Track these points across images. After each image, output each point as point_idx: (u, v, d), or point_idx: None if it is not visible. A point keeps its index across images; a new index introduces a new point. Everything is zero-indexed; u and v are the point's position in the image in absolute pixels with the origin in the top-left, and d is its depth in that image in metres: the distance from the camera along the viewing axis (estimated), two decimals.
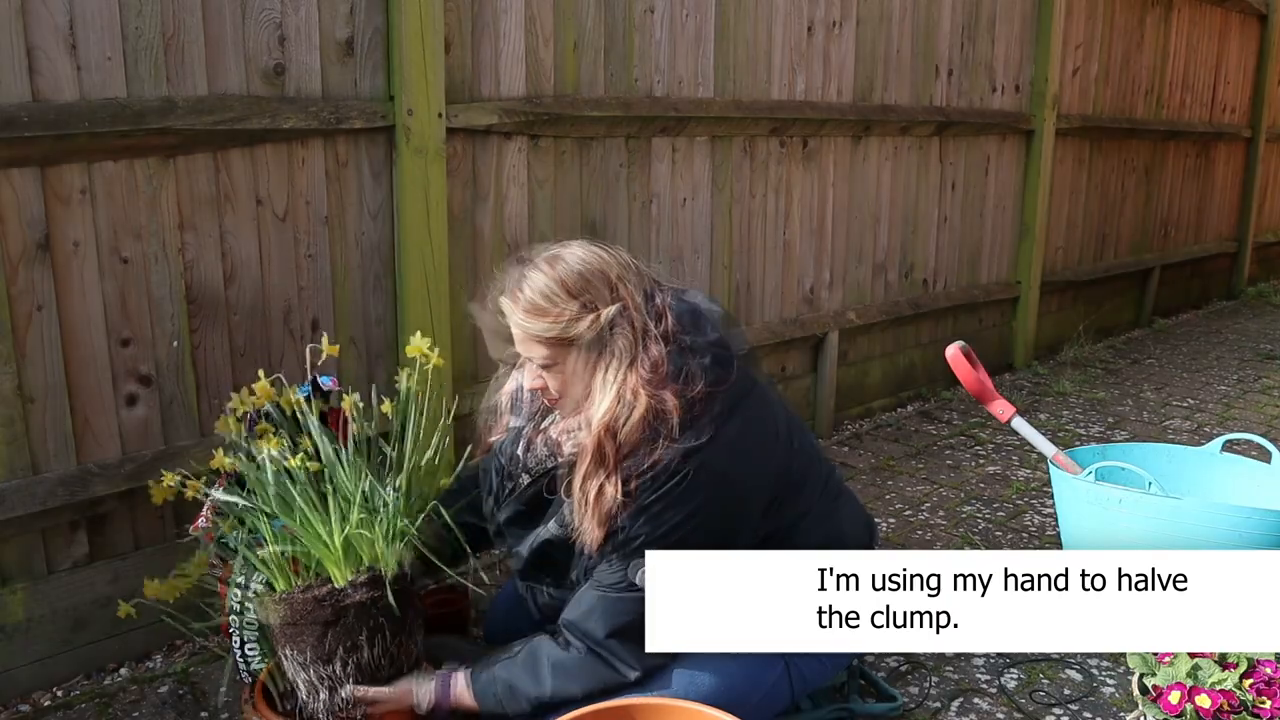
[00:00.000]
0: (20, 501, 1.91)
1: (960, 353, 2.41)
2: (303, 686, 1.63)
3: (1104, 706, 2.00)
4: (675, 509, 1.57)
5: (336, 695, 1.63)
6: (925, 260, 4.07)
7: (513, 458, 1.78)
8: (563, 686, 1.63)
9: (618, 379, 1.56)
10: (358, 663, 1.63)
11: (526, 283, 1.60)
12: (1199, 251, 6.11)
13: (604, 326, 1.58)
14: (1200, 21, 5.63)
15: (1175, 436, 3.71)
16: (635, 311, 1.59)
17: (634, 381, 1.55)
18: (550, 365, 1.62)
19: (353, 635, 1.62)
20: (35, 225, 1.88)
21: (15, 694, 2.00)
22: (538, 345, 1.61)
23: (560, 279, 1.58)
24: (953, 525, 2.87)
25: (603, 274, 1.60)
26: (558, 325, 1.58)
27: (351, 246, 2.35)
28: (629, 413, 1.54)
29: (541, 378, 1.66)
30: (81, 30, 1.88)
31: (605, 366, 1.58)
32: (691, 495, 1.56)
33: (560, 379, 1.64)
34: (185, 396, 2.13)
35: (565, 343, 1.59)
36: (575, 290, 1.58)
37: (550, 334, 1.58)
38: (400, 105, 2.31)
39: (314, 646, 1.61)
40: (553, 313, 1.58)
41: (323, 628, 1.60)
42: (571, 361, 1.61)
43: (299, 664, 1.62)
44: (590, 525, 1.59)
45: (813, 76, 3.39)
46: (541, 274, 1.60)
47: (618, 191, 2.86)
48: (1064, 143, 4.66)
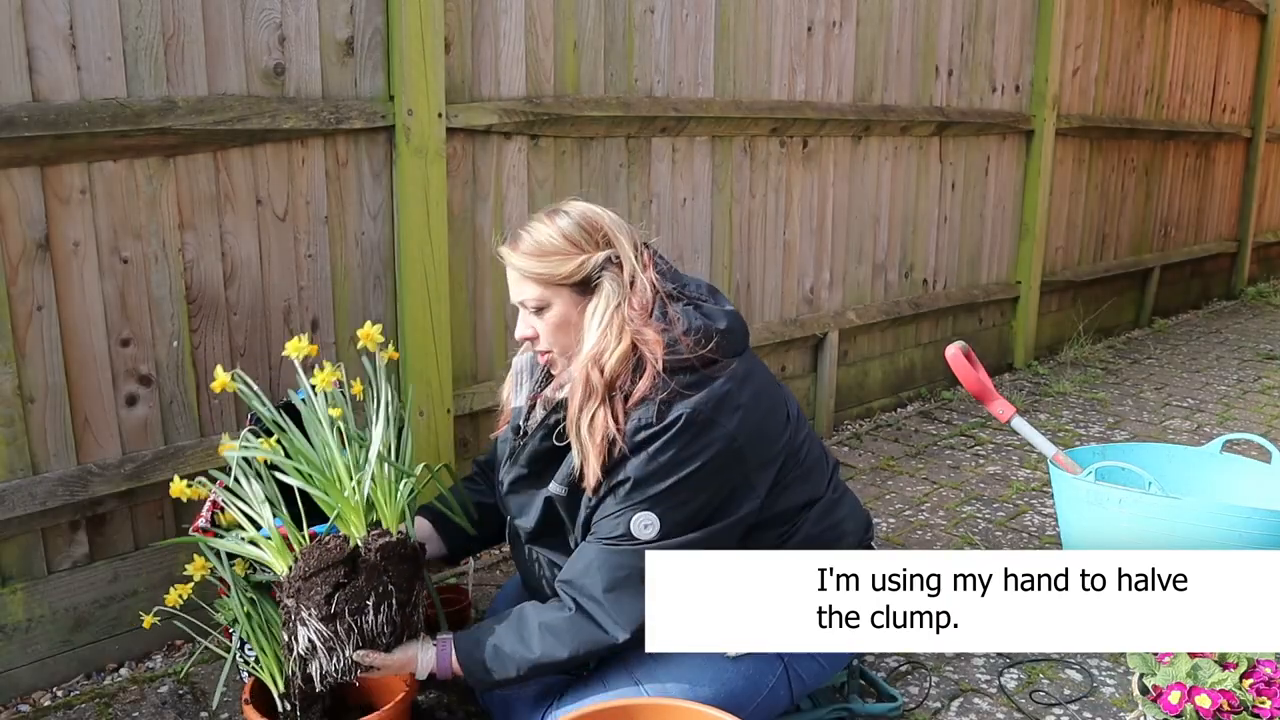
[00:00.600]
0: (20, 501, 1.91)
1: (960, 353, 2.41)
2: (300, 643, 1.60)
3: (1104, 706, 2.00)
4: (669, 453, 1.59)
5: (334, 657, 1.60)
6: (925, 260, 4.07)
7: (516, 429, 1.82)
8: (550, 649, 1.64)
9: (605, 319, 1.66)
10: (360, 627, 1.60)
11: (525, 230, 1.72)
12: (1199, 251, 6.11)
13: (593, 269, 1.68)
14: (1200, 21, 5.63)
15: (1175, 436, 3.71)
16: (624, 259, 1.70)
17: (619, 320, 1.65)
18: (541, 309, 1.70)
19: (361, 598, 1.60)
20: (35, 225, 1.88)
21: (15, 694, 2.00)
22: (531, 285, 1.69)
23: (557, 226, 1.70)
24: (953, 525, 2.87)
25: (596, 224, 1.71)
26: (550, 263, 1.67)
27: (351, 246, 2.35)
28: (614, 345, 1.63)
29: (532, 327, 1.73)
30: (81, 30, 1.88)
31: (594, 309, 1.68)
32: (684, 441, 1.59)
33: (550, 325, 1.70)
34: (185, 396, 2.13)
35: (556, 284, 1.68)
36: (570, 236, 1.69)
37: (542, 272, 1.67)
38: (400, 105, 2.31)
39: (321, 604, 1.58)
40: (548, 253, 1.68)
41: (333, 587, 1.59)
42: (561, 304, 1.69)
43: (301, 620, 1.59)
44: (591, 460, 1.61)
45: (813, 76, 3.39)
46: (540, 223, 1.72)
47: (618, 191, 2.86)
48: (1064, 143, 4.66)
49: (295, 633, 1.61)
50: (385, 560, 1.62)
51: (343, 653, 1.60)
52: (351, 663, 1.61)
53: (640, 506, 1.60)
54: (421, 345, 2.44)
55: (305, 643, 1.60)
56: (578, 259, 1.67)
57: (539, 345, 1.74)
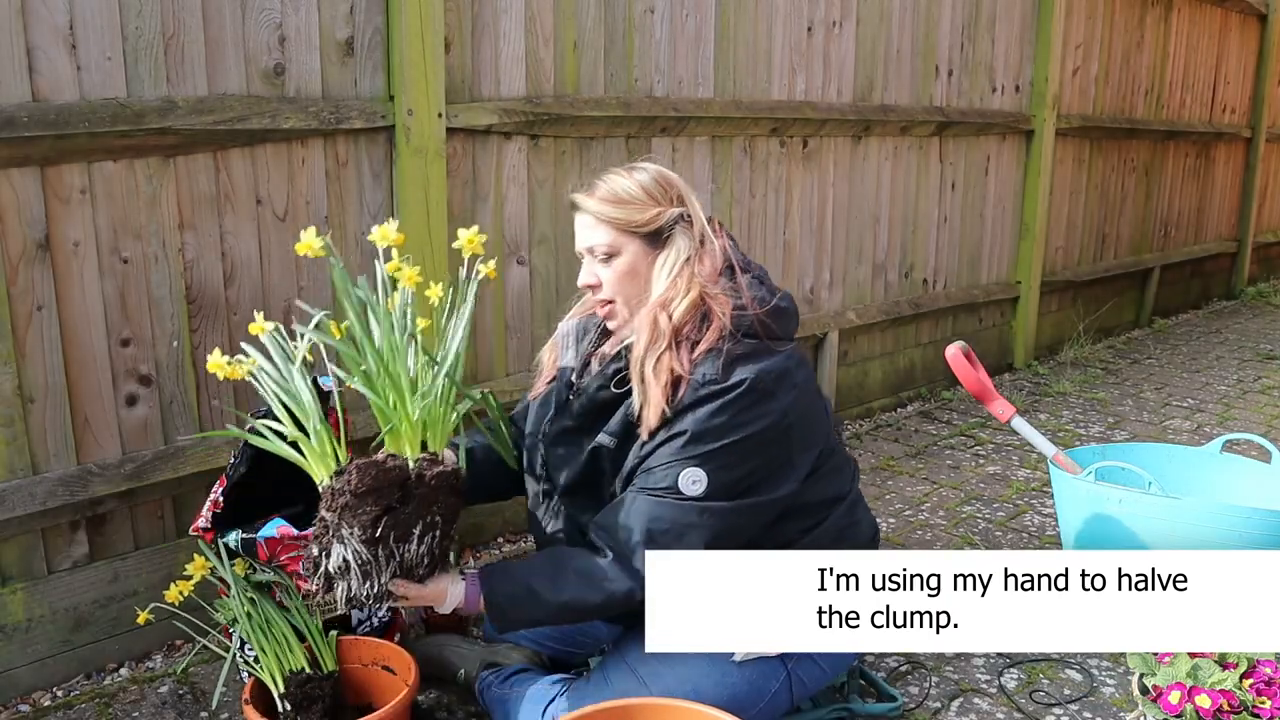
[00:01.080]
0: (20, 501, 1.91)
1: (960, 353, 2.41)
2: (333, 560, 1.50)
3: (1104, 706, 2.00)
4: (728, 414, 1.59)
5: (369, 582, 1.51)
6: (925, 260, 4.07)
7: (570, 385, 1.80)
8: (581, 594, 1.62)
9: (674, 269, 1.68)
10: (402, 555, 1.53)
11: (601, 180, 1.74)
12: (1199, 251, 6.11)
13: (667, 222, 1.69)
14: (1200, 21, 5.63)
15: (1175, 436, 3.71)
16: (696, 218, 1.72)
17: (689, 274, 1.67)
18: (611, 256, 1.71)
19: (408, 526, 1.52)
20: (35, 225, 1.88)
21: (15, 694, 2.00)
22: (603, 230, 1.70)
23: (634, 179, 1.72)
24: (953, 525, 2.87)
25: (671, 181, 1.74)
26: (626, 210, 1.69)
27: (351, 246, 2.35)
28: (682, 296, 1.65)
29: (596, 275, 1.73)
30: (81, 30, 1.88)
31: (664, 260, 1.69)
32: (744, 404, 1.60)
33: (617, 273, 1.71)
34: (185, 396, 2.13)
35: (629, 231, 1.70)
36: (646, 188, 1.71)
37: (617, 217, 1.69)
38: (400, 105, 2.31)
39: (367, 526, 1.49)
40: (623, 200, 1.70)
41: (383, 510, 1.50)
42: (630, 253, 1.70)
43: (340, 537, 1.49)
44: (652, 403, 1.60)
45: (813, 76, 3.39)
46: (616, 175, 1.74)
47: None
48: (1064, 143, 4.66)
49: (328, 548, 1.51)
50: (438, 490, 1.53)
51: (378, 579, 1.52)
52: (385, 591, 1.54)
53: (691, 461, 1.59)
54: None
55: (339, 561, 1.50)
56: (653, 209, 1.69)
57: (600, 293, 1.73)
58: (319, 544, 1.53)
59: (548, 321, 2.75)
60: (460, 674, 1.96)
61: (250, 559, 1.88)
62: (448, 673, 1.99)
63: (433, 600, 1.62)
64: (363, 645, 1.89)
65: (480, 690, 1.90)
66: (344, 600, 1.52)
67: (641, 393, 1.63)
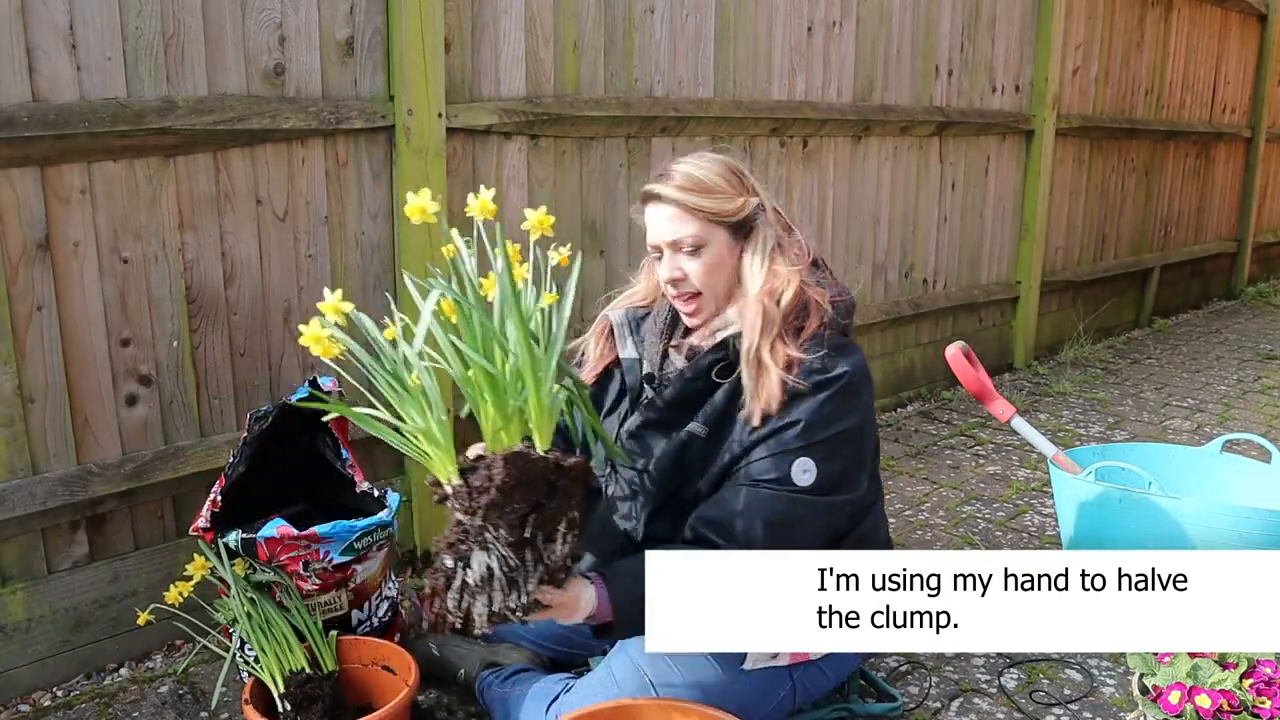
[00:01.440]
0: (20, 501, 1.91)
1: (960, 353, 2.41)
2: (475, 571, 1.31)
3: (1104, 706, 2.00)
4: (834, 405, 1.60)
5: (516, 592, 1.33)
6: (925, 260, 4.07)
7: (648, 376, 1.77)
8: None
9: (766, 261, 1.66)
10: (548, 559, 1.35)
11: (676, 170, 1.69)
12: (1199, 251, 6.11)
13: (752, 212, 1.67)
14: (1200, 21, 5.63)
15: (1175, 436, 3.71)
16: (772, 208, 1.70)
17: (781, 264, 1.66)
18: (698, 248, 1.66)
19: (554, 524, 1.35)
20: (35, 225, 1.88)
21: (15, 694, 2.00)
22: (691, 221, 1.65)
23: (716, 166, 1.69)
24: (953, 525, 2.87)
25: (743, 172, 1.71)
26: (715, 200, 1.65)
27: (351, 246, 2.35)
28: (785, 286, 1.64)
29: (681, 269, 1.68)
30: (81, 30, 1.88)
31: (753, 250, 1.67)
32: (845, 396, 1.61)
33: (705, 265, 1.67)
34: (185, 396, 2.13)
35: (717, 221, 1.66)
36: (726, 177, 1.68)
37: (708, 207, 1.65)
38: (400, 105, 2.31)
39: (515, 526, 1.31)
40: (712, 189, 1.66)
41: (531, 507, 1.32)
42: (717, 244, 1.67)
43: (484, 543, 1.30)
44: (768, 389, 1.59)
45: (813, 76, 3.39)
46: (690, 165, 1.69)
47: (618, 191, 2.86)
48: (1064, 143, 4.66)
49: (468, 558, 1.31)
50: (576, 482, 1.37)
51: (524, 588, 1.33)
52: (533, 601, 1.35)
53: (802, 451, 1.59)
54: None
55: (482, 570, 1.30)
56: (739, 199, 1.67)
57: (686, 286, 1.69)
58: (454, 553, 1.33)
59: None
60: (460, 674, 1.96)
61: (250, 559, 1.88)
62: (448, 673, 1.99)
63: (570, 608, 1.47)
64: (363, 645, 1.89)
65: (480, 690, 1.90)
66: (485, 618, 1.33)
67: (755, 380, 1.61)
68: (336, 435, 2.12)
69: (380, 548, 2.01)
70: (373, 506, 2.03)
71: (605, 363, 1.85)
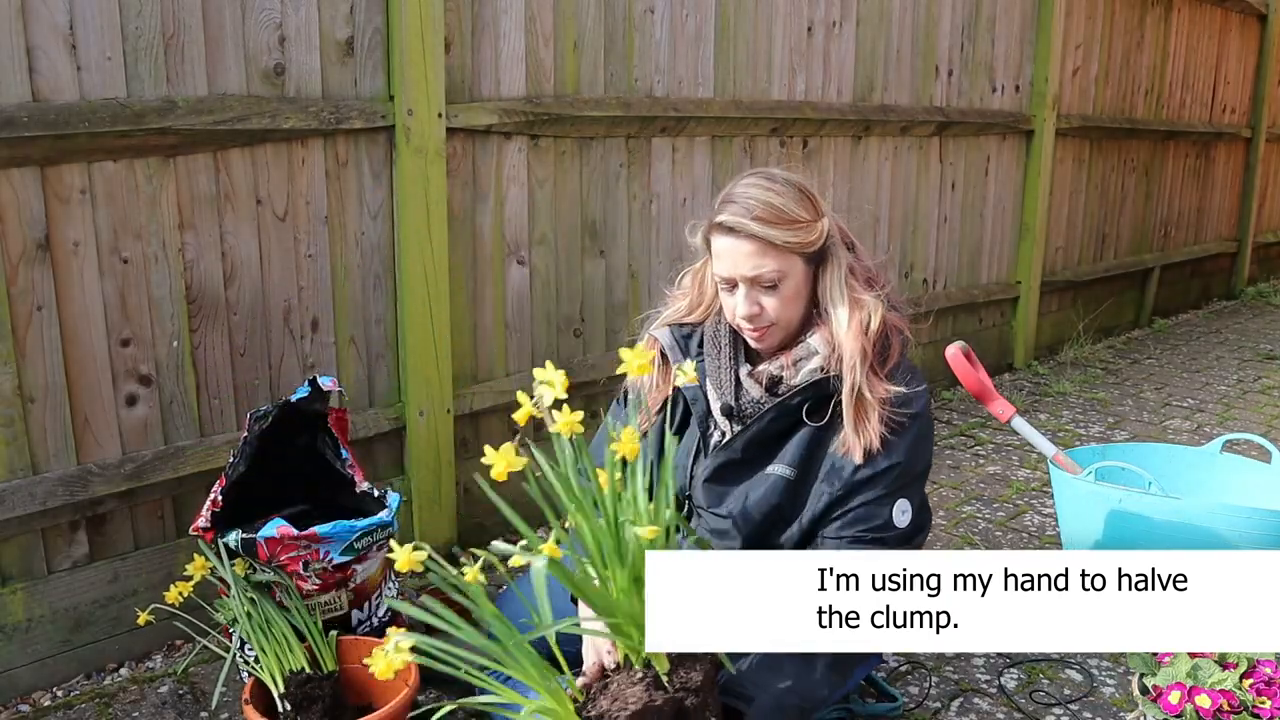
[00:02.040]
0: (20, 501, 1.91)
1: (960, 353, 2.40)
2: None
3: (1104, 706, 2.00)
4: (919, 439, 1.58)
5: None
6: (925, 260, 4.07)
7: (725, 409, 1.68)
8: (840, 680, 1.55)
9: (845, 289, 1.60)
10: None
11: (749, 198, 1.58)
12: (1199, 251, 6.11)
13: (826, 236, 1.61)
14: (1200, 21, 5.63)
15: (1175, 436, 3.71)
16: (838, 228, 1.64)
17: (860, 290, 1.60)
18: (778, 281, 1.59)
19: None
20: (35, 225, 1.88)
21: (15, 694, 2.00)
22: (774, 257, 1.57)
23: (791, 192, 1.59)
24: (953, 525, 2.87)
25: (812, 190, 1.63)
26: (799, 233, 1.58)
27: (351, 246, 2.35)
28: (869, 314, 1.58)
29: (758, 303, 1.61)
30: (81, 30, 1.88)
31: (829, 277, 1.61)
32: (924, 429, 1.58)
33: (785, 298, 1.61)
34: (185, 396, 2.13)
35: (797, 252, 1.59)
36: (801, 201, 1.60)
37: (792, 240, 1.57)
38: (400, 105, 2.31)
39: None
40: (794, 219, 1.58)
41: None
42: (796, 275, 1.61)
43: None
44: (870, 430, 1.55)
45: (813, 77, 3.39)
46: (762, 189, 1.59)
47: (618, 191, 2.86)
48: (1064, 143, 4.66)
49: None
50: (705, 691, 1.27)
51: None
52: None
53: (900, 493, 1.57)
54: (421, 345, 2.44)
55: None
56: (817, 225, 1.59)
57: (762, 320, 1.62)
58: None
59: (547, 321, 2.75)
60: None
61: (250, 559, 1.88)
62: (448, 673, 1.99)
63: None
64: (363, 645, 1.89)
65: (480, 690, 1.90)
66: None
67: (857, 419, 1.56)
68: (336, 435, 2.12)
69: (380, 548, 2.01)
70: (373, 506, 2.03)
71: (666, 390, 1.75)
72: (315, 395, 2.04)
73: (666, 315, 1.80)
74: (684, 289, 1.81)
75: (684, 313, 1.78)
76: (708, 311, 1.76)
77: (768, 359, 1.68)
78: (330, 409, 2.11)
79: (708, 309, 1.76)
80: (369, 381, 2.44)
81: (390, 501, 2.02)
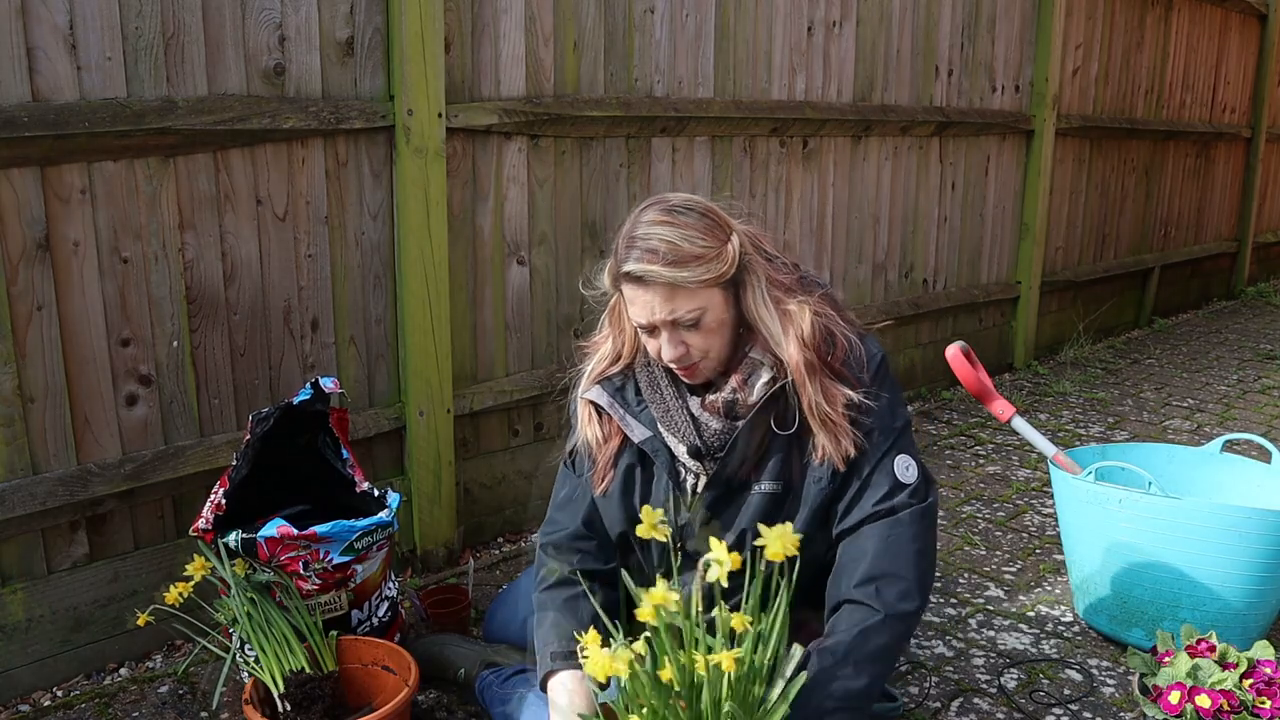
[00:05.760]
0: (20, 501, 1.91)
1: (960, 353, 2.40)
2: None
3: (1104, 706, 2.00)
4: (889, 387, 1.61)
5: None
6: (925, 260, 4.07)
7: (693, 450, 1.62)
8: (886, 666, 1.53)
9: (769, 301, 1.56)
10: None
11: (653, 239, 1.51)
12: (1199, 251, 6.11)
13: (736, 255, 1.54)
14: (1200, 21, 5.63)
15: (1175, 436, 3.71)
16: (745, 236, 1.58)
17: (785, 298, 1.57)
18: (699, 319, 1.53)
19: None
20: (35, 225, 1.88)
21: (15, 694, 2.00)
22: (687, 297, 1.51)
23: (694, 220, 1.53)
24: (953, 525, 2.87)
25: (716, 210, 1.57)
26: (708, 268, 1.51)
27: (351, 246, 2.35)
28: (802, 320, 1.56)
29: (682, 343, 1.55)
30: (81, 30, 1.88)
31: (754, 297, 1.56)
32: (888, 373, 1.61)
33: (707, 331, 1.56)
34: (185, 396, 2.13)
35: (713, 284, 1.53)
36: (706, 230, 1.53)
37: (706, 277, 1.50)
38: (400, 105, 2.31)
39: None
40: (702, 255, 1.51)
41: None
42: (716, 306, 1.55)
43: None
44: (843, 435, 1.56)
45: (813, 76, 3.40)
46: (664, 227, 1.52)
47: (618, 191, 2.86)
48: (1064, 143, 4.66)
49: None
50: None
51: None
52: None
53: (894, 449, 1.58)
54: (421, 345, 2.44)
55: None
56: (726, 249, 1.52)
57: (690, 357, 1.57)
58: None
59: (548, 321, 2.75)
60: (460, 674, 1.96)
61: (250, 559, 1.88)
62: (448, 673, 1.99)
63: None
64: (363, 645, 1.89)
65: (480, 690, 1.90)
66: None
67: (829, 432, 1.56)
68: (337, 435, 2.12)
69: (380, 548, 2.01)
70: (373, 506, 2.03)
71: (616, 441, 1.68)
72: (317, 397, 2.04)
73: (591, 370, 1.72)
74: (604, 333, 1.73)
75: (609, 361, 1.70)
76: (633, 353, 1.69)
77: (717, 388, 1.63)
78: (331, 409, 2.11)
79: (633, 350, 1.69)
80: (369, 381, 2.44)
81: (390, 501, 2.02)
